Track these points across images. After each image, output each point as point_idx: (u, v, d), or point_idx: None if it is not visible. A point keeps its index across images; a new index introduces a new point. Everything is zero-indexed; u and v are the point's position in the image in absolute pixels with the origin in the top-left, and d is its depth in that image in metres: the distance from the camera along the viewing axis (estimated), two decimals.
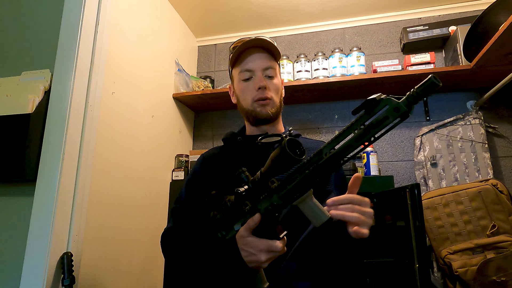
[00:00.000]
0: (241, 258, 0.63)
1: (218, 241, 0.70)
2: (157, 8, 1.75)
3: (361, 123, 0.48)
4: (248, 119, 0.94)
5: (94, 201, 1.17)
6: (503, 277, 1.21)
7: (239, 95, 0.95)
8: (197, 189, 0.89)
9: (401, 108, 0.44)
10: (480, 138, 1.60)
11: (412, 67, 1.68)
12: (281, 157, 0.57)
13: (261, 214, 0.62)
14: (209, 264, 0.71)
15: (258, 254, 0.61)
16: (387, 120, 0.46)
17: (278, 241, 0.61)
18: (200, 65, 2.24)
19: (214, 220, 0.71)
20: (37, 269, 0.91)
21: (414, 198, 1.12)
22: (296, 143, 0.59)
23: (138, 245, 1.47)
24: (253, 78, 0.91)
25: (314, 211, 0.58)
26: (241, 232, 0.64)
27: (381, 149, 1.82)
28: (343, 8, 1.93)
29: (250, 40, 0.90)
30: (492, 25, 1.35)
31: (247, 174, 0.65)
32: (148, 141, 1.59)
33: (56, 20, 1.13)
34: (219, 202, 0.70)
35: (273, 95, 0.91)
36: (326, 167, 0.54)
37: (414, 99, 0.44)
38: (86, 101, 1.10)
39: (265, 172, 0.61)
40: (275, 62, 0.94)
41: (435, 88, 0.42)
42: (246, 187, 0.64)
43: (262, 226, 0.62)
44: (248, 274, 0.64)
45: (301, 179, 0.57)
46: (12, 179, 1.03)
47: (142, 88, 1.56)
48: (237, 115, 2.08)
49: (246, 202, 0.65)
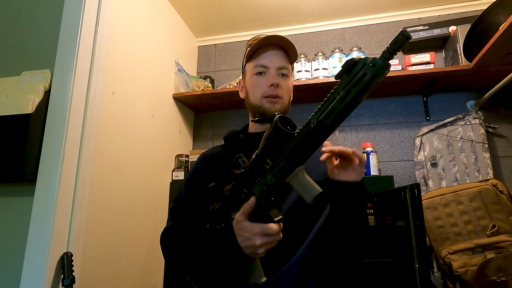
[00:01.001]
0: (237, 245, 0.63)
1: (216, 233, 0.70)
2: (157, 8, 1.75)
3: (343, 86, 0.50)
4: (254, 114, 0.92)
5: (94, 201, 1.17)
6: (503, 277, 1.21)
7: (249, 89, 0.93)
8: (197, 188, 0.88)
9: (377, 63, 0.47)
10: (480, 138, 1.60)
11: (412, 67, 1.68)
12: (274, 134, 0.58)
13: (256, 198, 0.63)
14: (207, 257, 0.71)
15: (253, 238, 0.61)
16: (365, 77, 0.48)
17: (273, 224, 0.61)
18: (200, 65, 2.24)
19: (213, 212, 0.71)
20: (37, 269, 0.91)
21: (414, 198, 1.13)
22: (287, 119, 0.60)
23: (138, 245, 1.47)
24: (266, 74, 0.89)
25: (306, 186, 0.58)
26: (237, 217, 0.64)
27: (381, 149, 1.82)
28: (343, 8, 1.93)
29: (271, 37, 0.89)
30: (492, 25, 1.35)
31: (243, 159, 0.66)
32: (148, 141, 1.59)
33: (56, 20, 1.13)
34: (218, 194, 0.70)
35: (284, 94, 0.89)
36: (315, 136, 0.55)
37: (389, 54, 0.46)
38: (86, 101, 1.10)
39: (260, 152, 0.62)
40: (289, 64, 0.93)
41: (407, 41, 0.45)
42: (242, 170, 0.65)
43: (257, 210, 0.63)
44: (244, 261, 0.64)
45: (290, 151, 0.58)
46: (12, 179, 1.02)
47: (142, 88, 1.56)
48: (237, 115, 2.08)
49: (243, 189, 0.66)
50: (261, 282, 0.65)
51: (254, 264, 0.66)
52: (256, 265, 0.66)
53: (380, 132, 1.85)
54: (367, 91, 0.49)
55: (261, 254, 0.63)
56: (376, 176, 1.58)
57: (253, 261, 0.66)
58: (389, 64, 0.48)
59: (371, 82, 0.48)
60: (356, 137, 1.88)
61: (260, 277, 0.65)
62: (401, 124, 1.83)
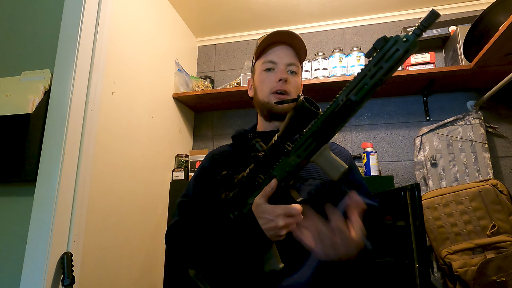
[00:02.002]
0: (259, 227, 0.63)
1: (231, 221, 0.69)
2: (157, 8, 1.75)
3: (374, 63, 0.50)
4: (262, 112, 0.91)
5: (94, 201, 1.17)
6: (503, 277, 1.21)
7: (257, 86, 0.92)
8: (206, 184, 0.87)
9: (409, 39, 0.47)
10: (480, 138, 1.60)
11: (412, 67, 1.68)
12: (298, 114, 0.58)
13: (277, 180, 0.62)
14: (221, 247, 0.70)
15: (276, 219, 0.61)
16: (397, 52, 0.48)
17: (296, 204, 0.61)
18: (200, 65, 2.24)
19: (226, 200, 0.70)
20: (37, 269, 0.91)
21: (414, 198, 1.12)
22: (310, 100, 0.60)
23: (138, 245, 1.47)
24: (275, 70, 0.89)
25: (333, 163, 0.58)
26: (257, 200, 0.64)
27: (381, 149, 1.82)
28: (343, 8, 1.93)
29: (280, 33, 0.88)
30: (492, 25, 1.35)
31: (261, 144, 0.65)
32: (148, 141, 1.59)
33: (56, 20, 1.13)
34: (231, 181, 0.70)
35: (292, 90, 0.88)
36: (343, 113, 0.55)
37: (420, 31, 0.47)
38: (86, 101, 1.10)
39: (283, 133, 0.62)
40: (298, 61, 0.93)
41: (436, 19, 0.46)
42: (263, 153, 0.64)
43: (278, 192, 0.63)
44: (265, 245, 0.64)
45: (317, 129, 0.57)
46: (12, 179, 1.03)
47: (142, 88, 1.56)
48: (237, 115, 2.08)
49: (259, 175, 0.65)
50: (279, 268, 0.65)
51: (271, 251, 0.66)
52: (273, 251, 0.66)
53: (380, 132, 1.85)
54: (397, 66, 0.49)
55: (283, 237, 0.63)
56: (376, 176, 1.58)
57: (271, 247, 0.65)
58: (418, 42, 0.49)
59: (403, 57, 0.48)
60: (356, 137, 1.88)
61: (277, 263, 0.65)
62: (401, 124, 1.83)
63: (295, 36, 0.89)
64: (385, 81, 0.51)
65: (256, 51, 0.94)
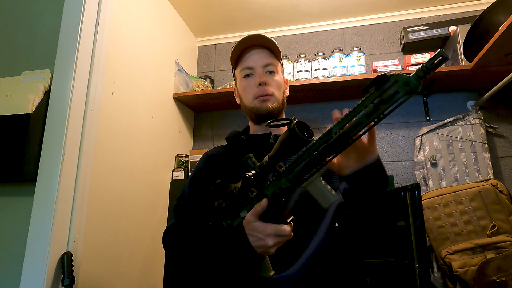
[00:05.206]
0: (248, 244, 0.63)
1: (224, 229, 0.70)
2: (157, 8, 1.75)
3: (371, 100, 0.48)
4: (251, 117, 0.94)
5: (94, 201, 1.17)
6: (503, 277, 1.21)
7: (241, 93, 0.95)
8: (201, 186, 0.89)
9: (411, 82, 0.44)
10: (480, 138, 1.60)
11: (412, 67, 1.68)
12: (290, 139, 0.57)
13: (268, 199, 0.62)
14: (214, 253, 0.71)
15: (266, 239, 0.61)
16: (397, 95, 0.46)
17: (286, 225, 0.61)
18: (200, 65, 2.24)
19: (219, 208, 0.71)
20: (37, 269, 0.91)
21: (414, 198, 1.13)
22: (304, 125, 0.59)
23: (138, 245, 1.47)
24: (253, 75, 0.91)
25: (323, 192, 0.58)
26: (248, 217, 0.64)
27: (381, 149, 1.82)
28: (343, 8, 1.93)
29: (248, 38, 0.90)
30: (492, 25, 1.35)
31: (253, 160, 0.65)
32: (148, 141, 1.59)
33: (56, 20, 1.13)
34: (224, 191, 0.70)
35: (275, 91, 0.90)
36: (336, 147, 0.54)
37: (424, 74, 0.44)
38: (86, 101, 1.10)
39: (273, 155, 0.61)
40: (275, 59, 0.94)
41: (443, 62, 0.42)
42: (253, 172, 0.64)
43: (269, 211, 0.63)
44: (255, 260, 0.64)
45: (310, 160, 0.56)
46: (12, 179, 1.02)
47: (142, 88, 1.56)
48: (237, 115, 2.08)
49: (252, 188, 0.65)
50: (269, 275, 0.66)
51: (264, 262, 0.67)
52: (265, 260, 0.67)
53: (380, 132, 1.85)
54: (395, 108, 0.47)
55: (272, 253, 0.63)
56: None
57: (263, 258, 0.66)
58: (421, 84, 0.45)
59: (403, 101, 0.46)
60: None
61: (268, 271, 0.66)
62: (401, 124, 1.83)
63: (264, 38, 0.91)
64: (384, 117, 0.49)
65: (231, 61, 0.96)
